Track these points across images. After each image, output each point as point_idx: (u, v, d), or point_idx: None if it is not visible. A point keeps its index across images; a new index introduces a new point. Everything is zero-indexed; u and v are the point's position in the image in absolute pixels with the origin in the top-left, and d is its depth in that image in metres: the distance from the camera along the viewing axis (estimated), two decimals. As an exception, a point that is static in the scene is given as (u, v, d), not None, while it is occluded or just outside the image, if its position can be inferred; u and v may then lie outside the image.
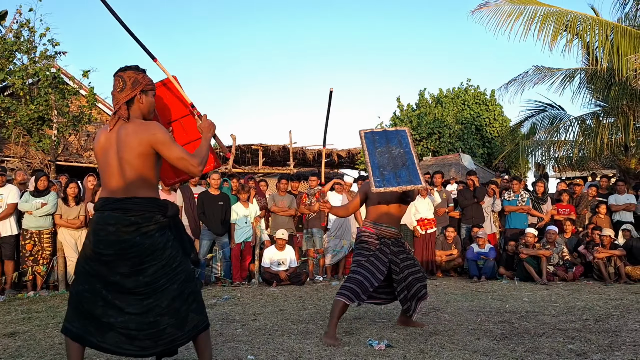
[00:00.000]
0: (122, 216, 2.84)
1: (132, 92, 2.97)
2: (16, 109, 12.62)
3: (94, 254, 2.85)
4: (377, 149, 4.44)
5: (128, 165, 2.87)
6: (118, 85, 2.98)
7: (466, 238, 9.45)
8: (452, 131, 20.64)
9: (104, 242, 2.83)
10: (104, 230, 2.84)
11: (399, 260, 4.55)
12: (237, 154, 18.29)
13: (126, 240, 2.82)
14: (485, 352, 3.87)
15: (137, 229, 2.84)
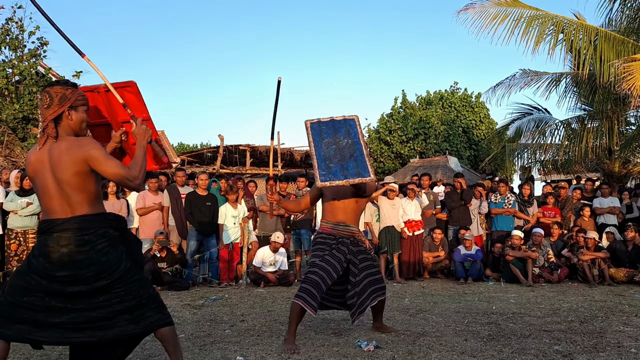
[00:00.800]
0: (74, 236, 2.76)
1: (59, 108, 2.83)
2: (1, 107, 12.48)
3: (45, 275, 2.76)
4: (323, 140, 4.14)
5: (67, 185, 2.77)
6: (45, 101, 2.84)
7: (453, 240, 9.51)
8: (438, 133, 20.78)
9: (57, 264, 2.75)
10: (57, 252, 2.75)
11: (358, 261, 4.34)
12: (225, 155, 18.21)
13: (82, 261, 2.75)
14: (472, 353, 3.91)
15: (92, 247, 2.77)
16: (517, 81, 13.13)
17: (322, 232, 4.41)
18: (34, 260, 2.81)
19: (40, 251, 2.80)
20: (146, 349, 4.00)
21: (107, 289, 2.79)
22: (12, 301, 2.76)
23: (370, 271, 4.42)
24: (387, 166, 20.55)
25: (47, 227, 2.80)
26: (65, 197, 2.78)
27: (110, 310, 2.79)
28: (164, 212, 8.26)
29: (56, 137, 2.82)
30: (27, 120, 12.86)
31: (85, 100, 2.95)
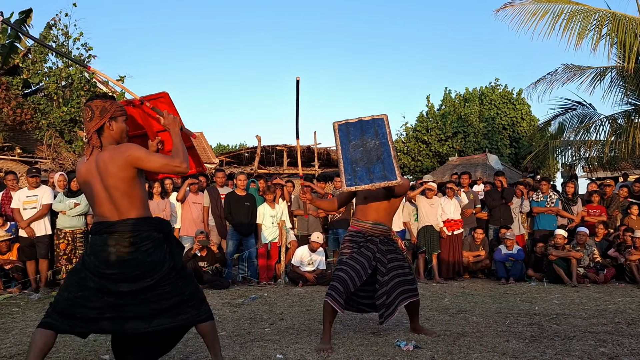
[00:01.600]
0: (120, 237, 2.96)
1: (100, 120, 3.05)
2: (50, 110, 12.97)
3: (97, 272, 2.98)
4: (350, 142, 4.08)
5: (115, 190, 2.98)
6: (87, 115, 3.07)
7: (494, 239, 9.35)
8: (477, 130, 20.42)
9: (105, 263, 2.96)
10: (105, 251, 2.97)
11: (387, 261, 4.25)
12: (262, 155, 18.42)
13: (128, 260, 2.96)
14: (514, 354, 3.84)
15: (137, 248, 2.98)
16: (560, 76, 12.78)
17: (352, 230, 4.38)
18: (87, 259, 3.04)
19: (92, 250, 3.03)
20: (188, 345, 4.10)
21: (152, 288, 2.99)
22: (67, 297, 2.98)
23: (400, 271, 4.30)
24: (425, 165, 20.34)
25: (98, 229, 3.03)
26: (114, 202, 2.99)
27: (154, 307, 3.00)
28: (204, 212, 8.42)
29: (100, 147, 3.05)
30: (74, 123, 13.34)
31: (124, 110, 3.17)
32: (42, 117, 13.21)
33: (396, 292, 4.23)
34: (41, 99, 13.57)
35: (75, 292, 2.97)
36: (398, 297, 4.24)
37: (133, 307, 2.98)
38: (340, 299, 4.05)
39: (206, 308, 3.19)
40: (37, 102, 13.46)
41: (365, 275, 4.17)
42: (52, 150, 13.18)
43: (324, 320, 4.10)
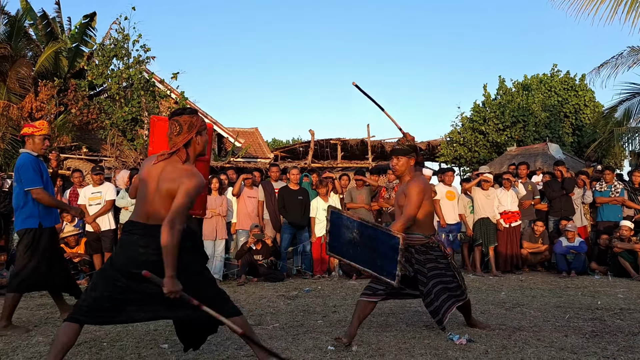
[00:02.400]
0: (151, 240, 3.01)
1: (188, 134, 3.14)
2: (113, 110, 13.57)
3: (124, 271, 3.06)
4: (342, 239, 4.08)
5: (168, 199, 3.03)
6: (174, 129, 3.14)
7: (554, 231, 9.02)
8: (538, 119, 19.68)
9: (133, 262, 3.03)
10: (135, 251, 3.05)
11: (426, 270, 4.09)
12: (316, 149, 18.53)
13: (154, 262, 2.98)
14: (573, 349, 3.72)
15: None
16: (625, 59, 12.17)
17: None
18: (116, 258, 3.14)
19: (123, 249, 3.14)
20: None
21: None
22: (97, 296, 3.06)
23: (442, 279, 4.12)
24: (482, 155, 19.82)
25: (130, 229, 3.13)
26: (158, 208, 3.06)
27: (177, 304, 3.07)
28: (259, 206, 8.58)
29: (186, 160, 3.13)
30: (135, 122, 13.89)
31: (205, 125, 3.27)
32: (106, 117, 13.83)
33: (442, 298, 4.08)
34: (105, 100, 14.21)
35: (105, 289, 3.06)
36: (445, 302, 4.09)
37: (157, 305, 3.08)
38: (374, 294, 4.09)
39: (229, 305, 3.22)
40: (101, 102, 14.11)
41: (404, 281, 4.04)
42: (115, 148, 13.78)
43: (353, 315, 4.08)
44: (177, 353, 3.77)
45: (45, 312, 5.51)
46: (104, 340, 4.18)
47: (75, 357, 3.72)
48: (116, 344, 4.05)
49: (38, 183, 4.71)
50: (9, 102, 13.94)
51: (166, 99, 14.63)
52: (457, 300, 4.16)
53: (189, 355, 3.69)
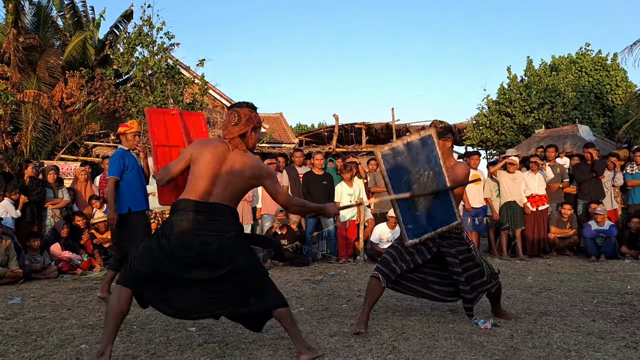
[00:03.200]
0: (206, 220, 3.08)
1: (245, 127, 3.22)
2: (139, 98, 13.74)
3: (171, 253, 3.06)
4: (402, 179, 3.73)
5: (229, 183, 3.15)
6: (233, 119, 3.22)
7: (583, 215, 8.87)
8: (567, 100, 19.21)
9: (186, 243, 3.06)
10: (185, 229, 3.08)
11: (455, 252, 3.97)
12: (341, 134, 18.48)
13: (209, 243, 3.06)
14: (600, 334, 3.68)
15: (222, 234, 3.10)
16: (659, 37, 11.73)
17: None
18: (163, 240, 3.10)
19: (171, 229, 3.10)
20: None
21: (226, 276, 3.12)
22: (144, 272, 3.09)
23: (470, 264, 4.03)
24: (509, 139, 19.49)
25: (184, 207, 3.11)
26: (220, 189, 3.14)
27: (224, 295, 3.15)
28: (284, 192, 8.64)
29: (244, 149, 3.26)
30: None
31: (261, 123, 3.37)
32: (132, 105, 14.01)
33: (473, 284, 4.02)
34: (131, 88, 14.38)
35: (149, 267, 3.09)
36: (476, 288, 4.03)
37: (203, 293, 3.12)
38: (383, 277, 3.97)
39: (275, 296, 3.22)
40: (127, 91, 14.28)
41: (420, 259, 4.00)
42: (142, 136, 13.96)
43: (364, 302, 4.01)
44: (204, 336, 3.84)
45: (78, 296, 5.68)
46: (134, 324, 4.29)
47: (91, 335, 3.82)
48: (145, 327, 4.15)
49: (114, 173, 5.33)
50: (39, 92, 14.23)
51: (190, 86, 14.73)
52: (488, 288, 4.07)
53: (216, 338, 3.76)
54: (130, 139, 5.53)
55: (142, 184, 5.60)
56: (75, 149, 15.05)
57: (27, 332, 4.07)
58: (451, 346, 3.45)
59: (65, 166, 11.15)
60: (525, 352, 3.30)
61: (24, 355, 3.47)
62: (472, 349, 3.39)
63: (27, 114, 14.02)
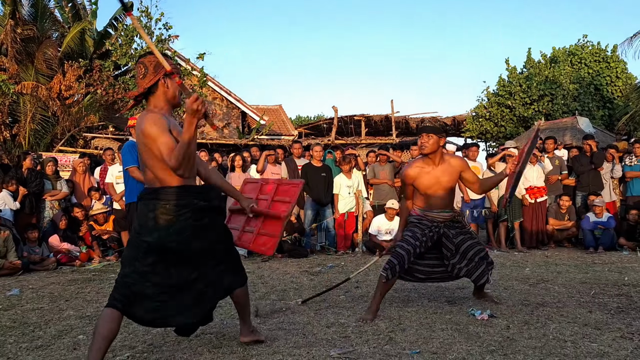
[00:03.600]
0: (159, 203, 2.82)
1: (154, 76, 2.82)
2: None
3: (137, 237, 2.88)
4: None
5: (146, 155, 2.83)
6: (140, 72, 2.85)
7: (581, 207, 8.87)
8: (566, 92, 19.18)
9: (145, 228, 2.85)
10: (145, 217, 2.86)
11: (451, 235, 4.23)
12: (340, 126, 18.46)
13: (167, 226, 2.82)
14: (597, 325, 3.69)
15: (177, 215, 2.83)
16: (660, 29, 11.70)
17: (414, 214, 4.33)
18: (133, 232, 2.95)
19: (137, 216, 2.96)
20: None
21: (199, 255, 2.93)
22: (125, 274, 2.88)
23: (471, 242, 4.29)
24: (509, 130, 19.48)
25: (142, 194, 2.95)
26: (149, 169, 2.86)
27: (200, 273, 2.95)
28: (282, 183, 8.63)
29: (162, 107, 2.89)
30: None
31: (178, 69, 2.94)
32: (131, 96, 13.99)
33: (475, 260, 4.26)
34: (129, 79, 14.34)
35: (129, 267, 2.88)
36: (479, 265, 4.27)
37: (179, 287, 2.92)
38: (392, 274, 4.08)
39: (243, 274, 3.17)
40: (126, 82, 14.25)
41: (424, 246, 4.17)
42: (138, 127, 13.96)
43: (375, 292, 4.12)
44: (202, 327, 3.85)
45: (76, 287, 5.69)
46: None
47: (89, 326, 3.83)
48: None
49: (132, 162, 5.49)
50: (37, 83, 14.20)
51: (188, 77, 14.69)
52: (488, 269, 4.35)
53: (213, 329, 3.77)
54: None
55: None
56: (74, 141, 15.03)
57: (24, 323, 4.08)
58: (447, 337, 3.46)
59: (63, 158, 11.14)
60: (521, 342, 3.31)
61: (22, 346, 3.48)
62: (469, 339, 3.40)
63: (26, 106, 13.99)
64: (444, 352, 3.15)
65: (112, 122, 15.60)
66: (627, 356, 3.01)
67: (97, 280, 6.22)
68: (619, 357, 2.99)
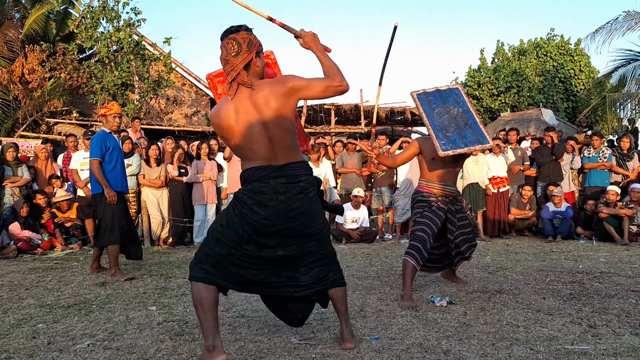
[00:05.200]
0: (290, 184, 2.70)
1: (248, 54, 2.71)
2: (102, 74, 13.41)
3: (258, 225, 2.70)
4: (434, 110, 4.20)
5: (277, 128, 2.68)
6: (232, 49, 2.70)
7: (542, 196, 9.13)
8: (532, 84, 19.60)
9: (274, 213, 2.69)
10: (275, 200, 2.68)
11: (456, 220, 4.41)
12: (310, 114, 18.44)
13: (296, 208, 2.72)
14: (549, 311, 3.83)
15: (306, 195, 2.74)
16: (620, 25, 12.11)
17: (421, 190, 4.44)
18: (245, 210, 2.72)
19: (257, 200, 2.70)
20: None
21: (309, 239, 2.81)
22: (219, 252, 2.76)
23: (466, 230, 4.50)
24: (476, 121, 19.83)
25: (260, 175, 2.70)
26: (278, 144, 2.70)
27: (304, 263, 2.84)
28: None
29: (251, 84, 2.72)
30: (125, 86, 13.76)
31: (262, 45, 2.85)
32: (96, 81, 13.69)
33: (464, 247, 4.49)
34: (94, 63, 14.03)
35: (230, 249, 2.74)
36: (466, 250, 4.52)
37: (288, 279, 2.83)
38: (420, 257, 4.16)
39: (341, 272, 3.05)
40: (91, 66, 13.93)
41: (436, 229, 4.32)
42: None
43: (404, 278, 4.16)
44: (164, 315, 3.86)
45: (37, 276, 5.60)
46: (94, 303, 4.27)
47: (64, 318, 3.81)
48: (105, 307, 4.14)
49: (96, 155, 5.41)
50: (-3, 66, 13.77)
51: (156, 63, 14.45)
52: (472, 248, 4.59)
53: (175, 317, 3.78)
54: (110, 120, 5.56)
55: (122, 166, 5.71)
56: (37, 126, 14.65)
57: (-18, 312, 4.02)
58: (406, 323, 3.56)
59: (25, 143, 10.87)
60: (476, 328, 3.42)
61: (-22, 334, 3.43)
62: (427, 325, 3.49)
63: (-15, 90, 13.57)
64: (402, 337, 3.23)
65: (76, 107, 15.25)
66: (574, 340, 3.15)
67: (59, 268, 6.13)
68: (566, 341, 3.13)
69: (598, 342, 3.10)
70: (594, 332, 3.32)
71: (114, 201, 5.41)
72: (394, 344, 3.12)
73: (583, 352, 2.93)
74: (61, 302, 4.32)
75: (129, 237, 5.64)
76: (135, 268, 5.98)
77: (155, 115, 16.64)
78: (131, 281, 5.18)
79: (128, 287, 4.90)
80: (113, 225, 5.39)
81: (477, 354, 2.92)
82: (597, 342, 3.12)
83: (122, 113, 5.67)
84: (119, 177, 5.59)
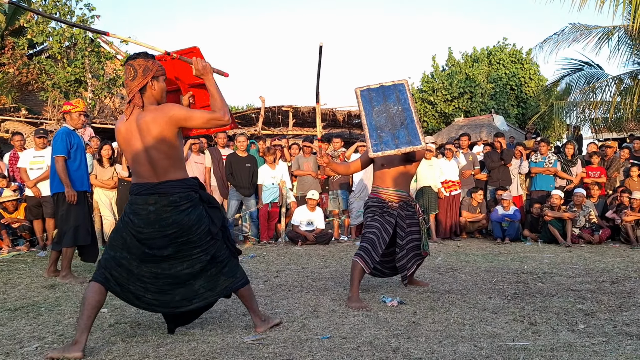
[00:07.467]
0: (160, 198, 3.04)
1: (143, 79, 3.04)
2: (54, 71, 13.02)
3: (134, 232, 3.07)
4: (374, 108, 4.21)
5: (155, 151, 3.02)
6: (130, 74, 3.06)
7: (491, 200, 9.45)
8: (484, 91, 20.22)
9: (144, 221, 3.05)
10: (145, 210, 3.05)
11: (406, 225, 4.44)
12: (267, 116, 18.43)
13: (165, 219, 3.04)
14: (494, 310, 4.00)
15: (175, 207, 3.05)
16: (566, 36, 12.62)
17: (372, 197, 4.50)
18: (127, 219, 3.12)
19: (132, 209, 3.11)
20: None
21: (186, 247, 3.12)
22: (113, 256, 3.11)
23: (415, 237, 4.52)
24: (430, 126, 20.30)
25: (138, 190, 3.09)
26: (154, 165, 3.04)
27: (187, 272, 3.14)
28: (206, 173, 8.56)
29: (142, 106, 3.06)
30: (79, 83, 13.41)
31: (163, 70, 3.16)
32: (47, 77, 13.29)
33: (410, 255, 4.51)
34: (46, 59, 13.62)
35: (120, 252, 3.10)
36: (411, 260, 4.54)
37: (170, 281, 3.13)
38: (369, 259, 4.23)
39: (241, 272, 3.36)
40: (42, 62, 13.52)
41: (388, 238, 4.36)
42: (57, 111, 13.31)
43: (352, 279, 4.23)
44: (116, 317, 3.82)
45: (-18, 278, 5.41)
46: (42, 306, 4.18)
47: (11, 322, 3.72)
48: (54, 309, 4.06)
49: (61, 152, 5.27)
50: (-60, 60, 13.17)
51: (112, 61, 14.15)
52: (417, 262, 4.63)
53: (128, 318, 3.75)
54: (75, 117, 5.43)
55: (85, 165, 5.60)
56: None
57: None
58: (358, 322, 3.65)
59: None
60: (425, 326, 3.55)
61: None
62: (377, 324, 3.60)
63: None
64: (353, 336, 3.32)
65: (25, 104, 14.75)
66: (515, 337, 3.32)
67: (5, 270, 5.94)
68: (508, 338, 3.29)
69: (537, 339, 3.28)
70: (534, 329, 3.50)
71: (74, 201, 5.28)
72: (345, 342, 3.20)
73: (523, 348, 3.09)
74: (8, 305, 4.21)
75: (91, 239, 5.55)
76: (86, 270, 5.86)
77: (110, 115, 16.26)
78: (82, 284, 5.08)
79: (79, 290, 4.82)
80: (77, 226, 5.28)
81: (424, 351, 3.04)
82: (537, 338, 3.29)
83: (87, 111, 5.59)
84: (84, 175, 5.50)
